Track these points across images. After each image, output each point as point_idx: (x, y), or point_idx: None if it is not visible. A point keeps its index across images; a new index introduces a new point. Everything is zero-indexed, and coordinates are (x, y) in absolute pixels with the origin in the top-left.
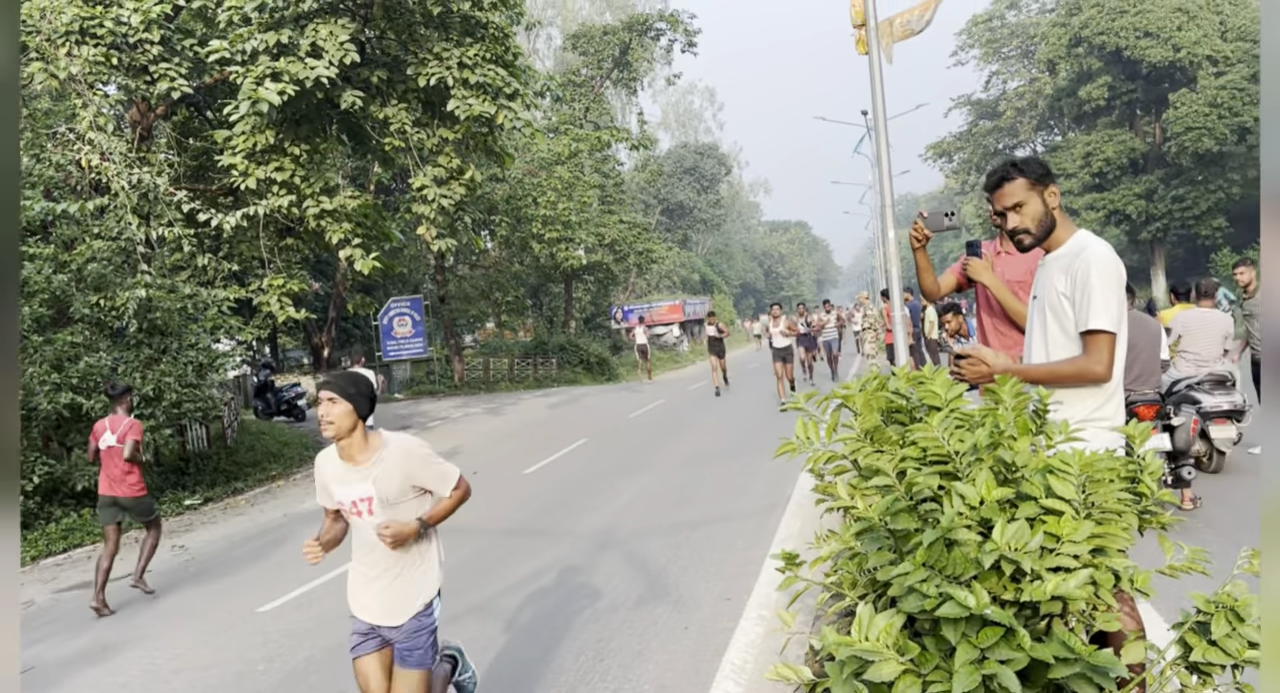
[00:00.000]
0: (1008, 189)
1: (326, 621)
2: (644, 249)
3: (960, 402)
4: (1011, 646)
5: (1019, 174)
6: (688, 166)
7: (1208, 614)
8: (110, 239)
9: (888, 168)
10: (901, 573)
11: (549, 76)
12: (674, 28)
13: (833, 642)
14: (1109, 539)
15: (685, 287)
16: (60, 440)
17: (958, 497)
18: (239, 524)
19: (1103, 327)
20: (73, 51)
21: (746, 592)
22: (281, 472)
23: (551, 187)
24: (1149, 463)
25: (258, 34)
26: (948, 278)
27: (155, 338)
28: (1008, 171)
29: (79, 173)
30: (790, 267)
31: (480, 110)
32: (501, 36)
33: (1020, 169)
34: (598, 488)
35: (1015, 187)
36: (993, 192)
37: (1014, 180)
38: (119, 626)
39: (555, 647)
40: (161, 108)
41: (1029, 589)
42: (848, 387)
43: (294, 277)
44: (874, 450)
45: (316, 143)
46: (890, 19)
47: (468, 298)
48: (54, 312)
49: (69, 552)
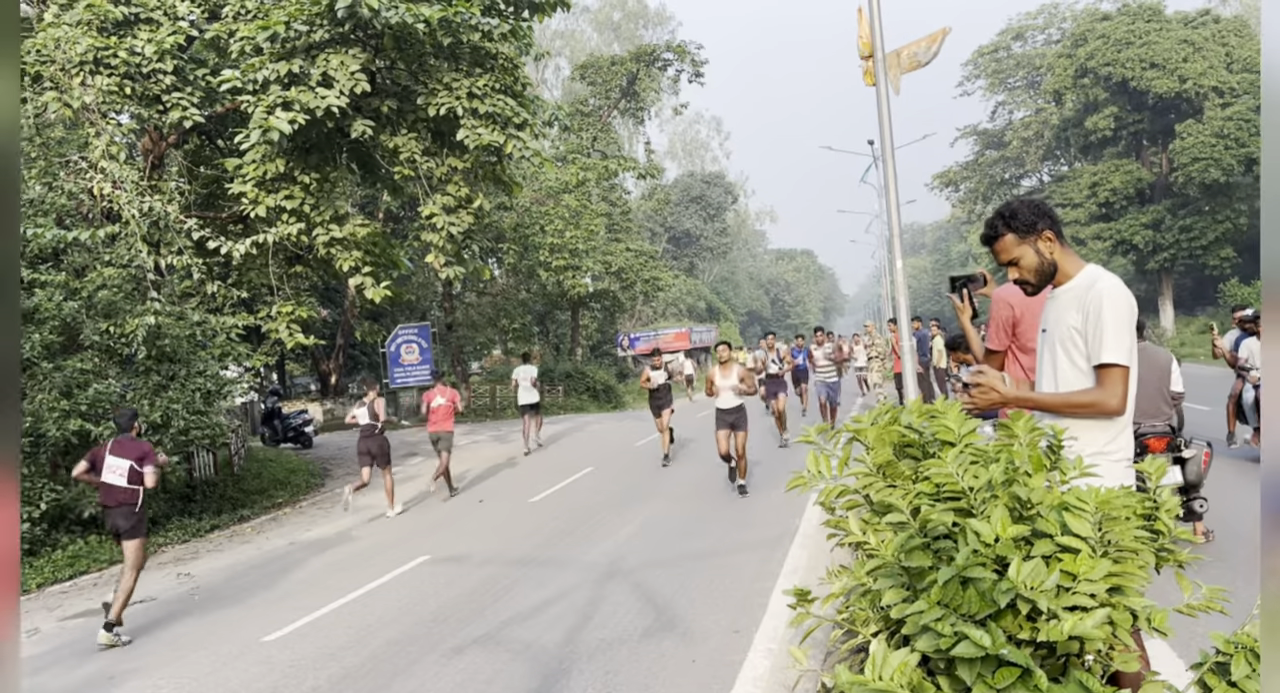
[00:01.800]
0: (999, 246)
1: (332, 651)
2: (650, 277)
3: (974, 437)
4: (1028, 686)
5: (1007, 230)
6: (694, 195)
7: (1227, 655)
8: (121, 266)
9: (895, 198)
10: (916, 611)
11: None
12: (681, 58)
13: (846, 681)
14: (1126, 578)
15: (692, 314)
16: (68, 467)
17: (973, 534)
18: (245, 552)
19: (1116, 360)
20: (86, 81)
21: (755, 624)
22: (288, 499)
23: (559, 215)
24: (1165, 500)
25: (270, 64)
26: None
27: (164, 365)
28: (995, 229)
29: (91, 201)
30: (796, 295)
31: (489, 140)
32: (511, 67)
33: (1008, 224)
34: (604, 517)
35: (1006, 243)
36: (987, 247)
37: (1003, 237)
38: (123, 655)
39: (561, 679)
40: (173, 136)
41: (1045, 629)
42: (859, 420)
43: (302, 304)
44: (886, 485)
45: (326, 171)
46: (897, 51)
47: (475, 325)
48: (64, 338)
49: (74, 579)
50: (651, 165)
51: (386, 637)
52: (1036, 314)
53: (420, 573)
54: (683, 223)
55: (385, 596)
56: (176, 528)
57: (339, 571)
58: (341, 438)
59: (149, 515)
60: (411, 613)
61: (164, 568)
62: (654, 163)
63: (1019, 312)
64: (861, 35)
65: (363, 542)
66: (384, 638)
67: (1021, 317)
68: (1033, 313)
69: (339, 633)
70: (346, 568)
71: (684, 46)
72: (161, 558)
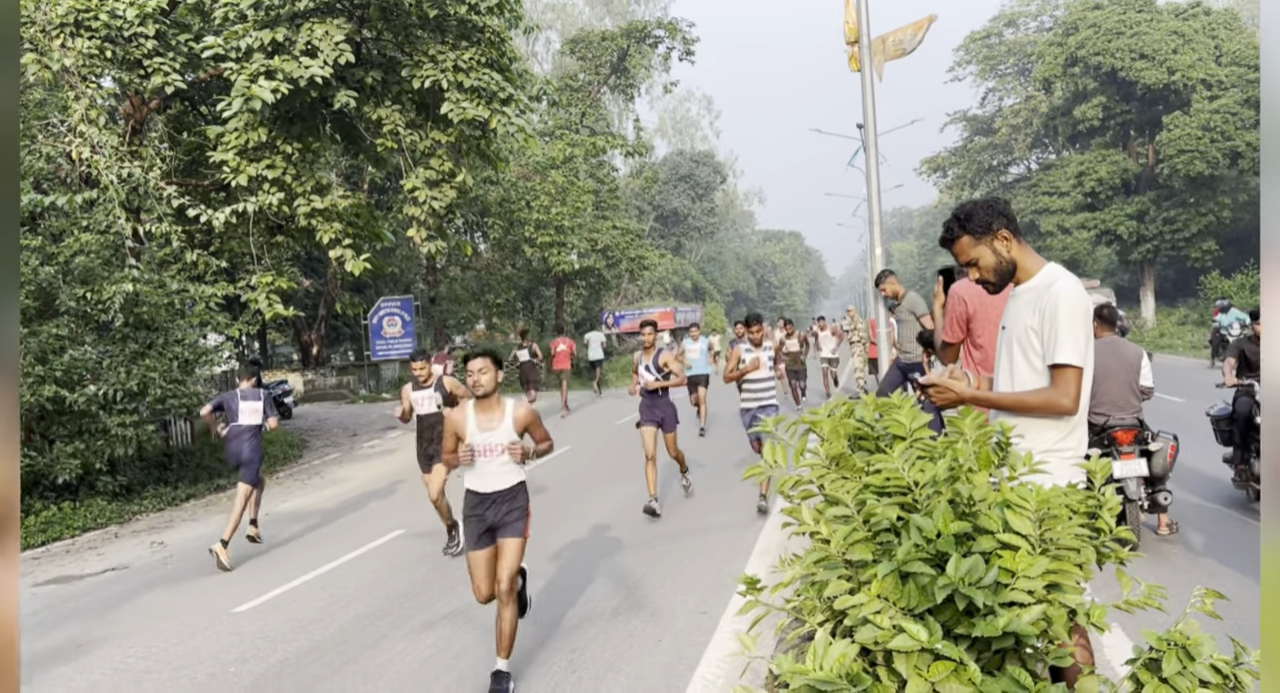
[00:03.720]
0: (957, 248)
1: (302, 623)
2: (637, 255)
3: (924, 432)
4: (962, 680)
5: (963, 232)
6: (683, 174)
7: (1159, 652)
8: (99, 232)
9: (877, 184)
10: (857, 604)
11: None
12: (672, 35)
13: (788, 670)
14: (1064, 576)
15: (677, 294)
16: (43, 433)
17: (915, 529)
18: (220, 522)
19: (1070, 361)
20: (67, 43)
21: (722, 606)
22: (265, 470)
23: (545, 191)
24: (1108, 499)
25: (253, 31)
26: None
27: (141, 332)
28: (951, 231)
29: (69, 165)
30: (783, 276)
31: (473, 114)
32: (498, 41)
33: (963, 226)
34: (579, 496)
35: (963, 245)
36: (947, 249)
37: (960, 239)
38: (93, 622)
39: (527, 657)
40: (155, 102)
41: (981, 625)
42: (816, 412)
43: (283, 274)
44: (839, 477)
45: (309, 141)
46: (883, 37)
47: (459, 299)
48: (40, 304)
49: (47, 545)
50: (640, 143)
51: (356, 611)
52: (989, 310)
53: (393, 547)
54: (671, 202)
55: (357, 569)
56: (151, 496)
57: (312, 543)
58: (321, 409)
59: (126, 483)
60: (382, 587)
61: (138, 536)
62: (643, 140)
63: (972, 308)
64: (848, 20)
65: (338, 514)
66: (354, 612)
67: (975, 313)
68: (985, 309)
69: (309, 606)
70: (320, 541)
71: (675, 23)
72: (136, 526)
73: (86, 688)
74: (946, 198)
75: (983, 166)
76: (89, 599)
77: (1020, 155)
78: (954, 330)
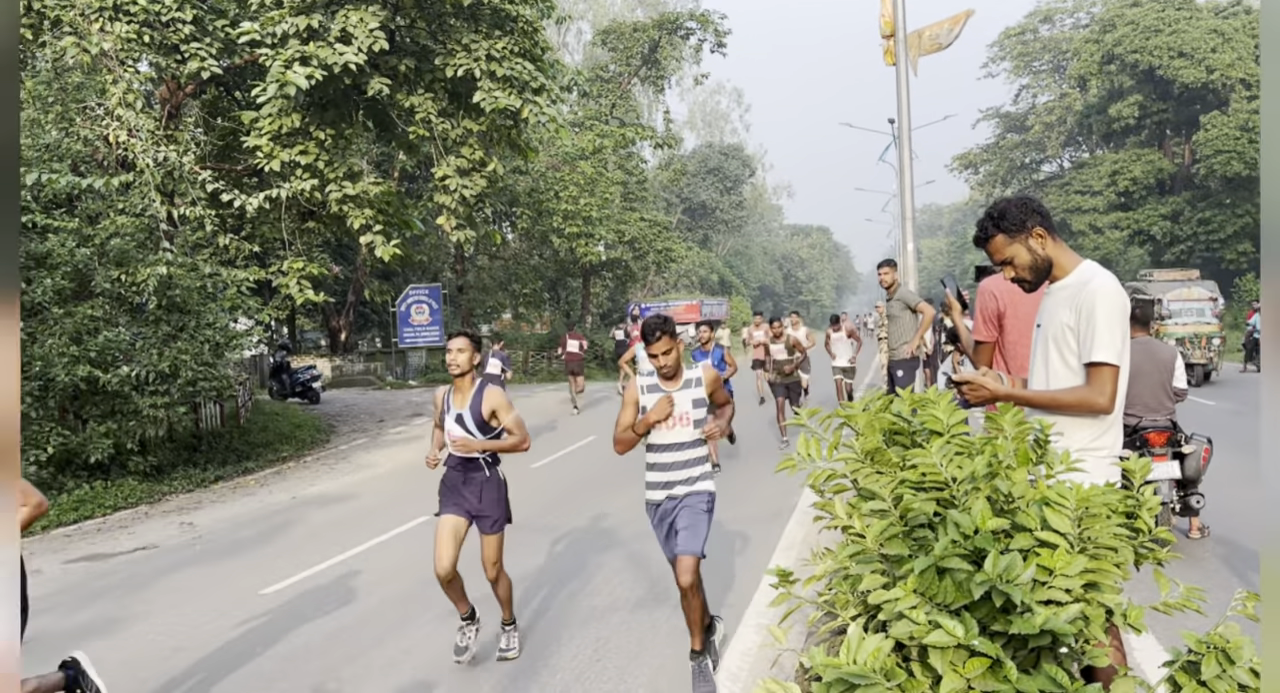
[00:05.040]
0: (991, 247)
1: (328, 606)
2: (664, 248)
3: (962, 428)
4: (998, 677)
5: (997, 230)
6: (711, 167)
7: (1198, 654)
8: (134, 215)
9: (910, 180)
10: (892, 598)
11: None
12: (705, 27)
13: (820, 663)
14: (1102, 575)
15: (704, 287)
16: (76, 412)
17: (952, 525)
18: (247, 505)
19: (1106, 360)
20: (106, 27)
21: (745, 599)
22: (293, 453)
23: (574, 181)
24: (1147, 499)
25: (289, 17)
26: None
27: (174, 315)
28: (986, 229)
29: (106, 148)
30: (810, 271)
31: (505, 103)
32: (530, 30)
33: (997, 225)
34: (603, 486)
35: (997, 243)
36: (981, 248)
37: (994, 238)
38: (124, 600)
39: (552, 645)
40: (190, 87)
41: (1018, 622)
42: (851, 406)
43: (314, 260)
44: (873, 472)
45: (342, 128)
46: (919, 31)
47: (486, 288)
48: (75, 285)
49: (79, 523)
50: (670, 135)
51: (382, 595)
52: (1020, 307)
53: (419, 533)
54: (699, 194)
55: (383, 554)
56: (181, 477)
57: (339, 527)
58: (348, 395)
59: (156, 464)
60: (408, 572)
61: (168, 516)
62: (672, 132)
63: (1003, 305)
64: (884, 13)
65: (365, 499)
66: (379, 596)
67: (1006, 310)
68: (1016, 306)
69: (335, 589)
70: (347, 525)
71: (707, 15)
72: (166, 506)
73: (119, 665)
74: (977, 195)
75: (1015, 164)
76: (120, 577)
77: (1053, 153)
78: (986, 328)
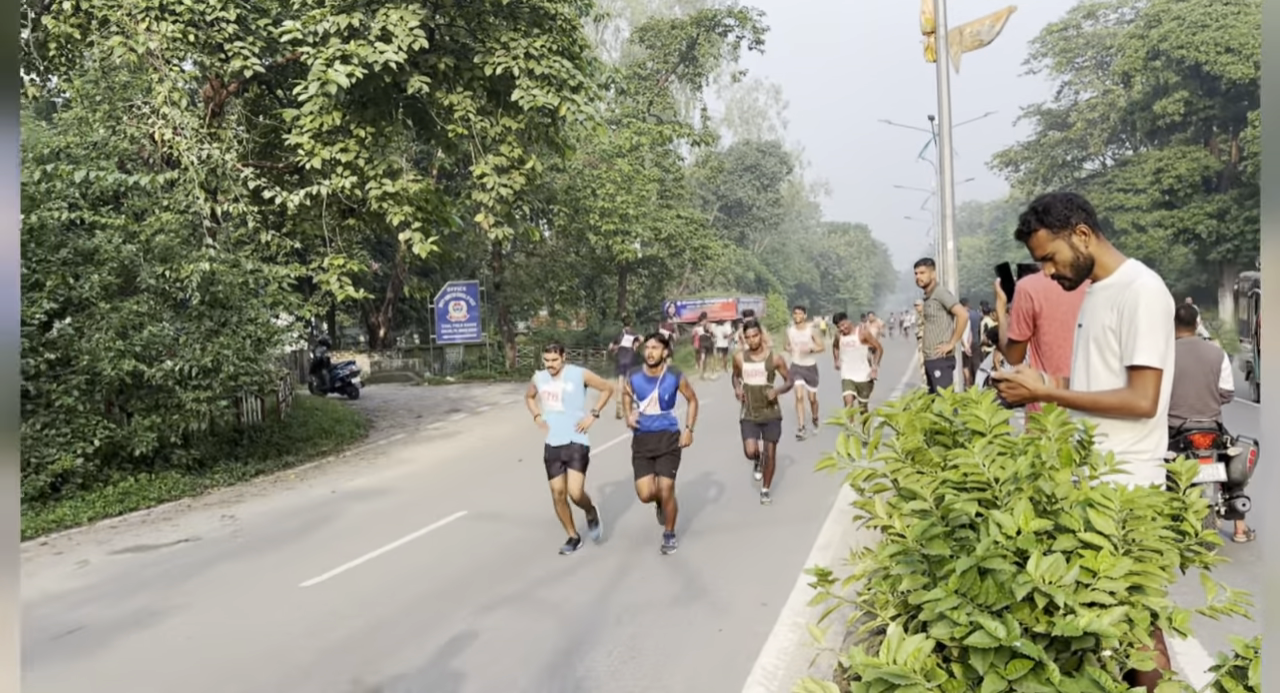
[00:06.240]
0: (1033, 242)
1: (366, 600)
2: (700, 245)
3: (1004, 428)
4: (1040, 680)
5: (1040, 225)
6: (749, 164)
7: (1245, 659)
8: (178, 212)
9: (950, 177)
10: (933, 599)
11: (614, 69)
12: (742, 24)
13: (860, 662)
14: (1147, 577)
15: (740, 284)
16: (121, 406)
17: (995, 525)
18: (287, 499)
19: (1149, 363)
20: (152, 27)
21: (783, 598)
22: (332, 448)
23: (611, 179)
24: (1193, 501)
25: (330, 16)
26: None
27: (216, 311)
28: (1029, 224)
29: (152, 146)
30: (847, 269)
31: (544, 101)
32: (569, 28)
33: (1041, 219)
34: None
35: (1040, 238)
36: (1022, 242)
37: (1037, 232)
38: (168, 591)
39: (588, 642)
40: (234, 85)
41: (1061, 624)
42: (892, 405)
43: (354, 257)
44: (914, 471)
45: (382, 126)
46: (960, 28)
47: (523, 285)
48: (121, 280)
49: (125, 515)
50: (707, 132)
51: (419, 590)
52: (1056, 307)
53: (456, 528)
54: (735, 192)
55: (421, 549)
56: (223, 471)
57: (377, 521)
58: (387, 391)
59: (198, 457)
60: (445, 568)
61: (209, 509)
62: (709, 129)
63: (1039, 304)
64: (924, 10)
65: (403, 494)
66: (417, 591)
67: (1042, 310)
68: (1052, 306)
69: (374, 583)
70: (385, 519)
71: (745, 12)
72: (208, 499)
73: (162, 655)
74: (1018, 193)
75: (1056, 162)
76: (163, 568)
77: (1095, 151)
78: (1021, 327)
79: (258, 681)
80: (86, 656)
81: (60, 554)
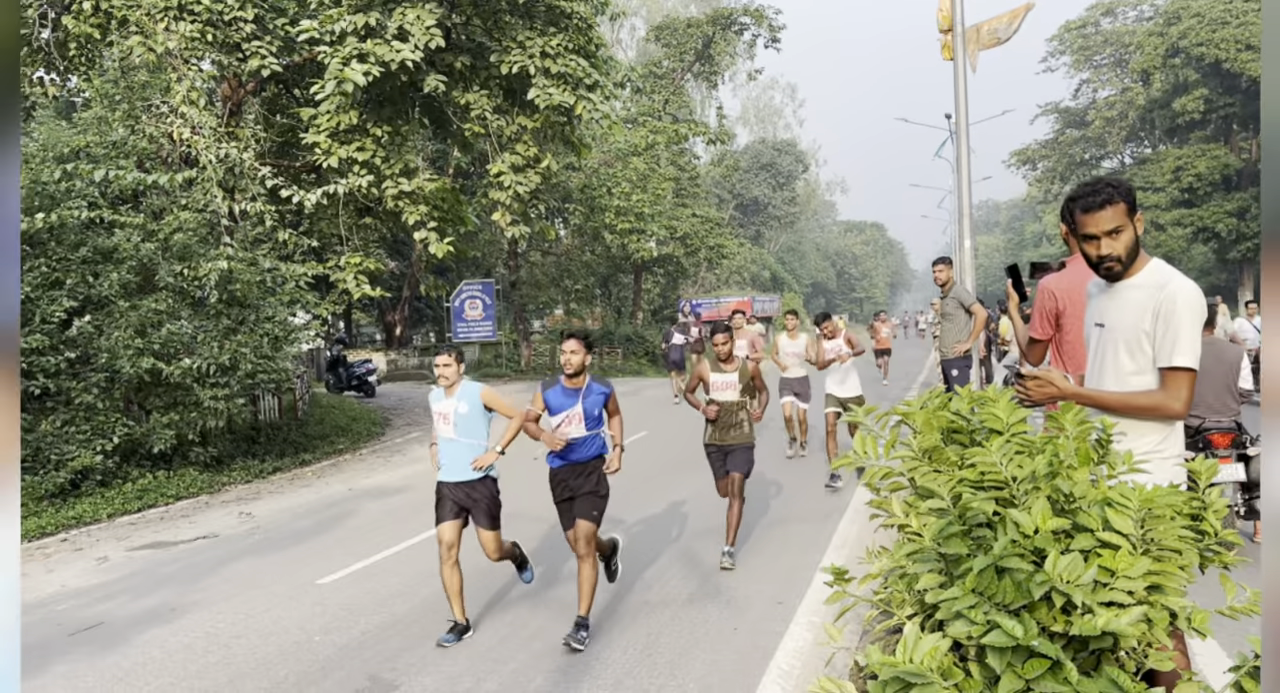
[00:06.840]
0: (1109, 212)
1: (384, 597)
2: (715, 244)
3: (1022, 427)
4: (1058, 679)
5: (1121, 200)
6: (764, 162)
7: None
8: (196, 211)
9: (967, 175)
10: (951, 598)
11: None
12: (758, 23)
13: (877, 661)
14: (1166, 577)
15: (755, 283)
16: (140, 403)
17: (1012, 524)
18: (304, 496)
19: (1186, 365)
20: (170, 27)
21: (799, 597)
22: (349, 446)
23: (627, 177)
24: (1213, 501)
25: (347, 15)
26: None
27: (234, 309)
28: (1111, 194)
29: (170, 145)
30: (864, 268)
31: (560, 100)
32: (585, 27)
33: (1123, 194)
34: (654, 483)
35: (1117, 211)
36: (1089, 213)
37: (1116, 204)
38: (185, 587)
39: (604, 639)
40: (251, 84)
41: (1079, 623)
42: (909, 404)
43: (371, 255)
44: (931, 470)
45: (398, 125)
46: (977, 26)
47: (538, 284)
48: (140, 279)
49: (143, 511)
50: (722, 131)
51: (436, 587)
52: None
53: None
54: (751, 190)
55: (438, 546)
56: (240, 468)
57: (394, 519)
58: (403, 389)
59: (216, 455)
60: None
61: (227, 506)
62: (725, 128)
63: (1062, 303)
64: (941, 8)
65: (419, 492)
66: (433, 588)
67: (1064, 308)
68: (1075, 305)
69: (390, 580)
70: (402, 516)
71: (761, 11)
72: (225, 496)
73: (180, 650)
74: (1035, 191)
75: (1074, 160)
76: (182, 565)
77: (1114, 149)
78: (1043, 326)
79: (276, 677)
80: (106, 651)
81: (80, 550)
